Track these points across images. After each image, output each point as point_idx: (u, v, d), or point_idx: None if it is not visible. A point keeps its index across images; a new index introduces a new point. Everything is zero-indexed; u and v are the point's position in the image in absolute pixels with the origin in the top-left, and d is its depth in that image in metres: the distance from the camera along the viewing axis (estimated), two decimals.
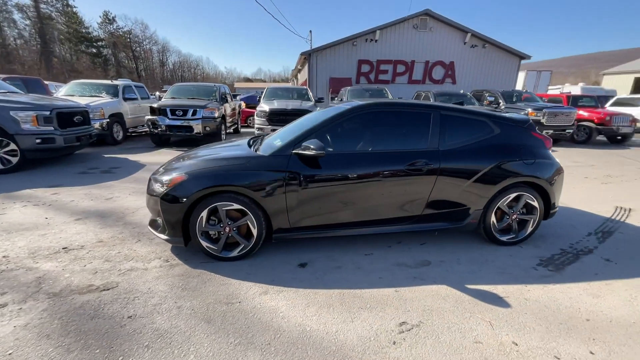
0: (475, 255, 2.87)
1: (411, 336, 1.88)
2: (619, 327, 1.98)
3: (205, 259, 2.71)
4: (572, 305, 2.18)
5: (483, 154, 2.80)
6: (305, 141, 2.60)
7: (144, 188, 4.61)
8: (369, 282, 2.42)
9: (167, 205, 2.54)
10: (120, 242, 3.01)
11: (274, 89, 10.26)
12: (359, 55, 15.48)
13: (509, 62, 16.31)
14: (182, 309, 2.08)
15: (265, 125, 8.38)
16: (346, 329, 1.93)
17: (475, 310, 2.11)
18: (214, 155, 2.81)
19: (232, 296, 2.23)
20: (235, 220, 2.62)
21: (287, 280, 2.45)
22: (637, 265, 2.73)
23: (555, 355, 1.75)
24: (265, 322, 1.97)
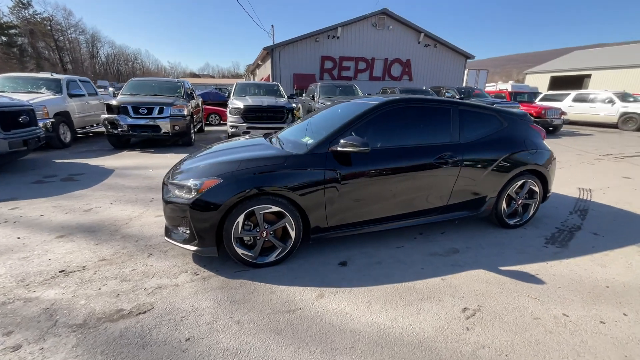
0: (491, 239, 3.10)
1: (478, 320, 1.98)
2: (633, 289, 2.32)
3: (239, 268, 2.53)
4: (589, 276, 2.49)
5: (496, 146, 3.04)
6: (341, 138, 2.55)
7: (126, 196, 4.15)
8: (415, 274, 2.49)
9: (199, 212, 2.31)
10: (129, 258, 2.66)
11: (243, 84, 9.81)
12: (322, 52, 15.54)
13: (457, 61, 17.80)
14: (242, 324, 1.92)
15: (240, 123, 7.99)
16: (417, 322, 1.96)
17: (519, 290, 2.30)
18: (243, 155, 2.61)
19: (289, 303, 2.12)
20: (272, 223, 2.48)
21: (336, 280, 2.40)
22: (618, 236, 3.20)
23: (601, 320, 1.99)
24: (337, 326, 1.92)
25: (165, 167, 5.81)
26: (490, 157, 2.99)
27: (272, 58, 14.66)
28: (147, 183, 4.83)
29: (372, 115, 2.72)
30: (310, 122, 3.45)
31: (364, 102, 2.96)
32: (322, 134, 2.70)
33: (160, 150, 7.53)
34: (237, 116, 8.04)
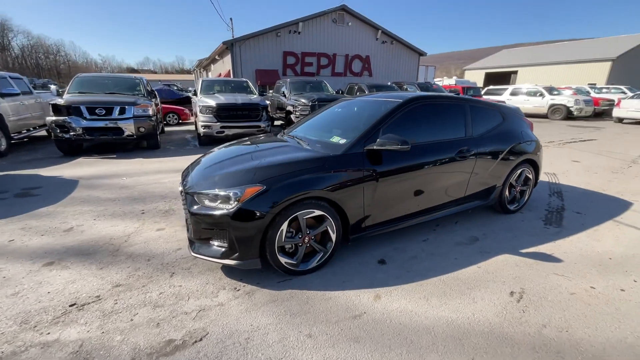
0: (500, 225, 3.36)
1: (528, 302, 2.13)
2: (630, 259, 2.70)
3: (281, 277, 2.40)
4: (592, 250, 2.84)
5: (502, 138, 3.28)
6: (374, 136, 2.54)
7: (108, 210, 3.67)
8: (452, 265, 2.59)
9: (242, 223, 2.12)
10: (149, 281, 2.35)
11: (210, 81, 9.19)
12: (284, 47, 15.20)
13: (412, 58, 18.80)
14: (315, 337, 1.83)
15: (212, 122, 7.49)
16: (478, 311, 2.05)
17: (545, 269, 2.53)
18: (280, 159, 2.44)
19: (350, 309, 2.07)
20: (312, 228, 2.39)
21: (383, 279, 2.39)
22: (595, 212, 3.69)
23: (620, 288, 2.28)
24: (408, 325, 1.92)
25: (141, 174, 5.24)
26: (498, 148, 3.23)
27: (233, 53, 13.94)
28: (127, 193, 4.31)
29: (398, 113, 2.74)
30: (324, 120, 3.38)
31: (386, 100, 2.97)
32: (353, 133, 2.65)
33: (123, 155, 6.76)
34: (209, 115, 7.53)
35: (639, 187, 4.67)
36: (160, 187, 4.58)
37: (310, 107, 8.58)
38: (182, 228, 3.24)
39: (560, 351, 1.73)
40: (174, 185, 4.64)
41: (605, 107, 15.90)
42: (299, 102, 8.85)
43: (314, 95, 8.99)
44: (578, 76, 29.37)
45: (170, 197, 4.15)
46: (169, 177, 5.09)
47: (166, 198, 4.13)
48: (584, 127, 11.95)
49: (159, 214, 3.60)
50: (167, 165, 5.92)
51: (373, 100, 3.18)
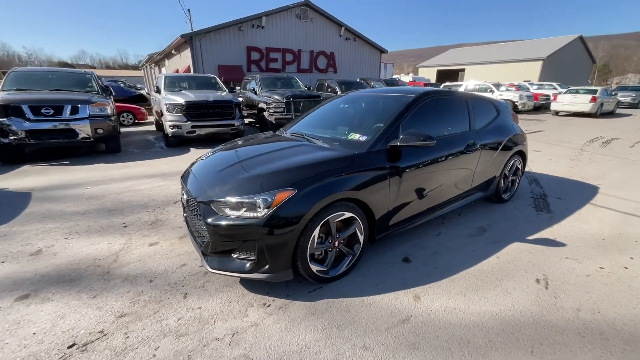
0: (499, 214, 3.52)
1: (555, 288, 2.23)
2: (619, 238, 2.97)
3: (311, 286, 2.23)
4: (585, 232, 3.08)
5: (499, 131, 3.42)
6: (396, 132, 2.47)
7: (80, 226, 3.19)
8: (474, 257, 2.63)
9: (274, 231, 1.91)
10: (161, 306, 2.04)
11: (173, 77, 8.43)
12: (247, 42, 14.53)
13: (374, 55, 19.21)
14: (371, 348, 1.71)
15: (182, 122, 6.89)
16: (516, 301, 2.09)
17: (556, 254, 2.68)
18: (304, 159, 2.24)
19: (395, 313, 1.97)
20: (341, 231, 2.25)
21: (415, 278, 2.34)
22: (572, 197, 4.04)
23: (624, 266, 2.49)
24: (457, 323, 1.88)
25: (107, 181, 4.64)
26: (497, 141, 3.36)
27: (192, 47, 12.97)
28: (98, 205, 3.76)
29: (413, 108, 2.69)
30: (329, 116, 3.24)
31: (398, 95, 2.91)
32: (372, 130, 2.56)
33: (78, 161, 5.94)
34: (177, 114, 6.92)
35: (596, 172, 5.22)
36: (137, 195, 4.08)
37: (285, 104, 8.33)
38: (178, 240, 2.89)
39: (602, 332, 1.82)
40: (153, 193, 4.16)
41: (542, 102, 17.77)
42: (273, 99, 8.54)
43: (287, 92, 8.72)
44: (515, 74, 32.47)
45: (152, 206, 3.70)
46: (143, 183, 4.57)
47: (148, 207, 3.68)
48: (530, 120, 13.19)
49: (145, 227, 3.18)
50: (136, 170, 5.31)
51: (382, 95, 3.11)
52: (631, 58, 78.85)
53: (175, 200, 3.91)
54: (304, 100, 8.60)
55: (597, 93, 14.65)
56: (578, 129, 10.64)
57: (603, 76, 69.35)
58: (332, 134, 2.83)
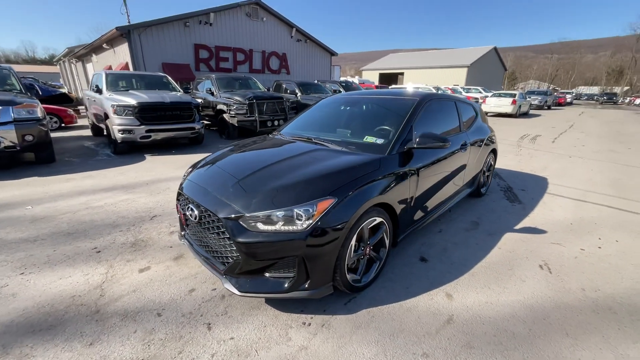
0: (482, 208, 3.81)
1: (558, 271, 2.47)
2: (581, 222, 3.44)
3: (344, 298, 2.13)
4: (555, 219, 3.50)
5: (479, 131, 3.71)
6: (410, 134, 2.50)
7: (36, 257, 2.68)
8: (481, 250, 2.79)
9: (317, 244, 1.77)
10: (184, 343, 1.75)
11: (116, 75, 7.38)
12: (195, 39, 13.45)
13: (325, 57, 19.45)
14: (431, 354, 1.68)
15: (134, 126, 6.10)
16: (534, 288, 2.26)
17: (543, 240, 2.99)
18: (332, 164, 2.11)
19: (437, 315, 1.98)
20: (371, 237, 2.19)
21: (439, 276, 2.39)
22: (532, 189, 4.58)
23: (598, 246, 2.88)
24: (496, 317, 1.97)
25: (51, 199, 3.89)
26: (479, 139, 3.64)
27: (131, 42, 11.51)
28: (51, 228, 3.11)
29: (419, 110, 2.75)
30: (330, 119, 3.17)
31: (402, 98, 2.95)
32: (386, 133, 2.55)
33: (1, 175, 4.86)
34: (128, 117, 6.11)
35: (538, 165, 6.02)
36: (99, 213, 3.47)
37: (247, 105, 7.94)
38: (174, 263, 2.52)
39: (610, 307, 2.07)
40: (119, 209, 3.59)
41: None
42: (233, 100, 8.08)
43: (249, 93, 8.34)
44: (446, 78, 36.02)
45: (123, 225, 3.19)
46: (102, 198, 3.92)
47: (119, 227, 3.15)
48: None
49: (124, 250, 2.72)
50: (85, 183, 4.53)
51: (383, 98, 3.13)
52: (531, 67, 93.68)
53: (152, 215, 3.42)
54: (267, 101, 8.31)
55: (516, 96, 16.98)
56: (506, 127, 12.19)
57: (511, 82, 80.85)
58: (342, 137, 2.76)
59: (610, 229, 3.26)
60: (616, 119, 17.40)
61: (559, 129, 12.10)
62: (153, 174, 5.06)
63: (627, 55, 61.64)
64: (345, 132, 2.92)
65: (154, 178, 4.81)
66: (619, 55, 72.06)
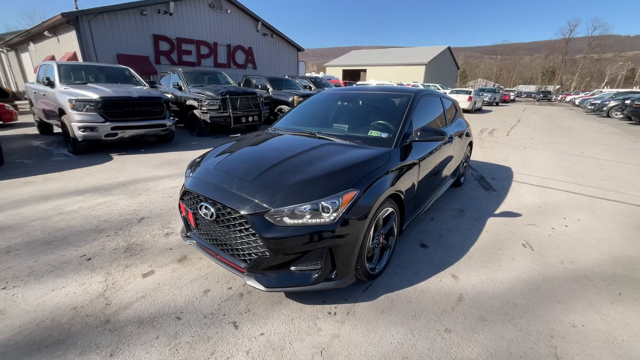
0: (463, 196, 4.12)
1: (537, 248, 2.79)
2: (545, 205, 3.87)
3: (361, 286, 2.21)
4: (526, 204, 3.91)
5: (460, 125, 4.00)
6: (410, 128, 2.64)
7: (15, 269, 2.46)
8: (470, 234, 3.04)
9: (344, 235, 1.82)
10: (214, 344, 1.71)
11: (70, 66, 6.64)
12: (154, 30, 12.48)
13: (291, 53, 19.24)
14: (453, 329, 1.83)
15: (98, 122, 5.59)
16: (522, 264, 2.53)
17: (521, 222, 3.33)
18: (345, 157, 2.16)
19: (448, 295, 2.15)
20: (383, 226, 2.30)
21: (441, 260, 2.57)
22: (500, 177, 5.03)
23: (565, 225, 3.29)
24: (499, 292, 2.18)
25: (14, 205, 3.52)
26: (460, 132, 3.92)
27: (80, 30, 10.35)
28: (23, 236, 2.80)
29: (414, 105, 2.90)
30: (327, 114, 3.21)
31: (397, 94, 3.08)
32: (387, 127, 2.67)
33: None
34: (90, 113, 5.59)
35: (501, 156, 6.61)
36: (75, 218, 3.18)
37: (220, 100, 7.67)
38: (180, 265, 2.42)
39: (586, 276, 2.40)
40: (98, 213, 3.31)
41: None
42: (205, 95, 7.74)
43: (221, 88, 8.04)
44: (406, 75, 37.58)
45: (109, 229, 2.96)
46: (75, 202, 3.58)
47: (105, 231, 2.92)
48: None
49: (119, 255, 2.54)
50: (49, 187, 4.10)
51: (378, 94, 3.23)
52: (479, 66, 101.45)
53: (139, 218, 3.21)
54: (241, 96, 8.08)
55: (472, 94, 18.31)
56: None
57: (462, 80, 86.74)
58: (345, 132, 2.82)
59: (571, 210, 3.73)
60: (553, 114, 19.54)
61: (509, 123, 13.30)
62: (126, 174, 4.71)
63: (558, 57, 69.20)
64: (342, 127, 2.99)
65: (129, 179, 4.48)
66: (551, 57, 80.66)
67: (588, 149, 7.62)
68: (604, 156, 6.85)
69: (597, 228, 3.25)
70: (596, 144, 8.49)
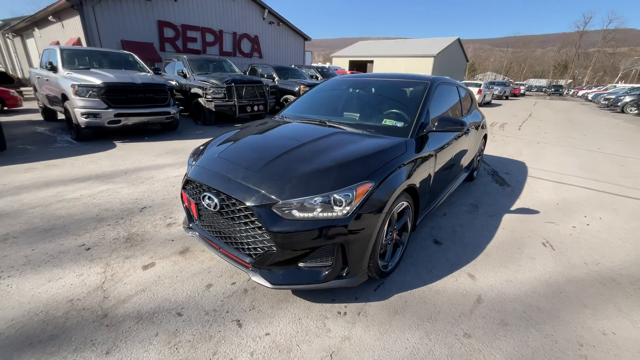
0: (476, 191, 3.95)
1: (559, 248, 2.63)
2: (564, 201, 3.70)
3: (371, 285, 2.08)
4: (542, 199, 3.73)
5: (475, 115, 3.80)
6: (427, 118, 2.48)
7: (11, 257, 2.29)
8: (485, 231, 2.89)
9: (358, 229, 1.69)
10: (216, 344, 1.60)
11: (73, 51, 6.51)
12: (159, 16, 12.24)
13: (298, 42, 18.88)
14: (472, 334, 1.70)
15: (101, 109, 5.47)
16: (543, 264, 2.38)
17: (539, 220, 3.17)
18: (360, 147, 2.01)
19: (466, 296, 2.01)
20: (397, 221, 2.16)
21: (456, 258, 2.43)
22: (514, 173, 4.83)
23: (586, 223, 3.12)
24: (520, 294, 2.04)
25: (14, 191, 3.46)
26: (476, 123, 3.73)
27: (84, 15, 10.19)
28: (21, 224, 2.71)
29: (430, 94, 2.72)
30: (337, 102, 3.04)
31: (413, 81, 2.90)
32: (405, 116, 2.50)
33: None
34: (93, 99, 5.47)
35: (513, 151, 6.39)
36: (76, 206, 3.09)
37: (225, 89, 7.50)
38: (181, 257, 2.31)
39: (614, 278, 2.24)
40: (100, 201, 3.21)
41: None
42: (210, 83, 7.57)
43: (226, 76, 7.86)
44: (414, 67, 36.90)
45: (110, 218, 2.86)
46: (76, 189, 3.49)
47: (105, 220, 2.82)
48: None
49: (119, 245, 2.44)
50: (51, 173, 4.01)
51: (392, 81, 3.04)
52: (489, 59, 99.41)
53: (141, 207, 3.10)
54: (247, 85, 7.90)
55: (482, 87, 17.85)
56: None
57: (471, 73, 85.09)
58: (358, 120, 2.66)
59: (592, 208, 3.55)
60: (565, 108, 19.04)
61: (520, 117, 12.95)
62: (129, 162, 4.60)
63: (572, 51, 67.45)
64: (354, 116, 2.82)
65: (132, 167, 4.37)
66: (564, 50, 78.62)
67: (604, 145, 7.35)
68: (621, 152, 6.59)
69: (621, 227, 3.07)
70: (612, 139, 8.20)
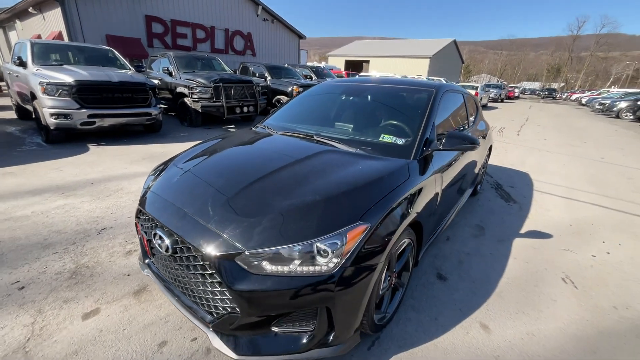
0: (480, 209, 3.60)
1: (581, 286, 2.29)
2: (579, 222, 3.36)
3: (366, 341, 1.70)
4: (554, 220, 3.39)
5: (482, 127, 3.45)
6: (433, 133, 2.09)
7: None
8: (496, 262, 2.53)
9: (349, 286, 1.30)
10: None
11: (45, 45, 5.97)
12: (146, 10, 11.66)
13: (292, 40, 18.40)
14: None
15: (72, 109, 4.99)
16: (567, 309, 2.03)
17: (553, 246, 2.82)
18: (350, 173, 1.62)
19: (480, 357, 1.64)
20: (397, 262, 1.78)
21: (465, 301, 2.07)
22: (520, 186, 4.50)
23: (606, 252, 2.78)
24: (547, 354, 1.68)
25: None
26: (483, 134, 3.37)
27: (65, 8, 9.59)
28: None
29: (435, 104, 2.34)
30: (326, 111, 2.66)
31: (414, 89, 2.52)
32: (407, 130, 2.12)
33: None
34: (63, 98, 4.99)
35: (515, 159, 6.08)
36: (22, 226, 2.65)
37: (213, 89, 7.05)
38: (135, 299, 1.90)
39: None
40: (53, 220, 2.78)
41: None
42: (196, 82, 7.12)
43: (214, 75, 7.41)
44: (410, 68, 36.69)
45: (59, 243, 2.43)
46: (29, 204, 3.04)
47: (52, 246, 2.39)
48: None
49: (60, 282, 2.01)
50: (3, 183, 3.54)
51: (392, 87, 2.66)
52: (483, 61, 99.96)
53: (100, 228, 2.68)
54: (236, 85, 7.45)
55: (478, 89, 17.64)
56: None
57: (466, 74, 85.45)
58: (351, 134, 2.27)
59: (609, 230, 3.22)
60: (561, 113, 18.96)
61: (517, 121, 12.73)
62: (100, 169, 4.15)
63: (565, 54, 68.03)
64: (347, 128, 2.43)
65: (100, 176, 3.93)
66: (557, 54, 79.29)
67: (607, 153, 7.10)
68: (626, 162, 6.33)
69: None
70: (613, 147, 7.97)
